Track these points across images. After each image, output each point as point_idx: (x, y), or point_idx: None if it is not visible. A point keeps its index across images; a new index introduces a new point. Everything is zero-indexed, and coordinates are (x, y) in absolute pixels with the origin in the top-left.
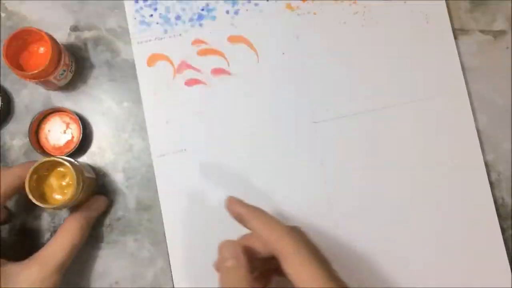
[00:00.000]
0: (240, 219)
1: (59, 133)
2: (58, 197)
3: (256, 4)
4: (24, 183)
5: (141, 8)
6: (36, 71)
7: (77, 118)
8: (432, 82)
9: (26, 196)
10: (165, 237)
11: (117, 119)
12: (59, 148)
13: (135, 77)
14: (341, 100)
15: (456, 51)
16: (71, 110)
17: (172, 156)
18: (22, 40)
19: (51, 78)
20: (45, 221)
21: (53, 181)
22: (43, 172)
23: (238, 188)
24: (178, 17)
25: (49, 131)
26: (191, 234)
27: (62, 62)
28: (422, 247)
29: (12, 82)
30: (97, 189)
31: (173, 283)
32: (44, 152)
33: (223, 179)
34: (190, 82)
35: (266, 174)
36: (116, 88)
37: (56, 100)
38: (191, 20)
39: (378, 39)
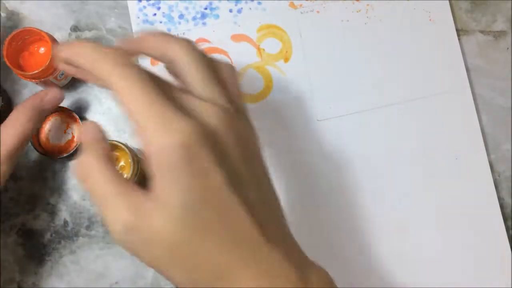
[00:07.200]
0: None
1: (59, 133)
2: None
3: (259, 3)
4: None
5: (144, 7)
6: (36, 71)
7: (77, 117)
8: (436, 80)
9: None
10: None
11: (117, 119)
12: (60, 147)
13: None
14: (344, 98)
15: (459, 49)
16: (71, 110)
17: None
18: (22, 40)
19: (51, 78)
20: (45, 221)
21: None
22: None
23: None
24: (181, 16)
25: (49, 130)
26: None
27: None
28: (424, 246)
29: (12, 82)
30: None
31: None
32: (44, 152)
33: None
34: None
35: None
36: None
37: None
38: (194, 19)
39: (381, 37)
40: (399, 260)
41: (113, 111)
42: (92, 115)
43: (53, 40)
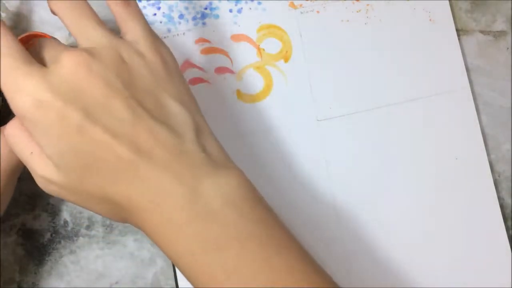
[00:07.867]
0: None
1: None
2: None
3: (259, 3)
4: None
5: (144, 7)
6: None
7: None
8: (436, 80)
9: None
10: None
11: None
12: None
13: None
14: (344, 98)
15: (459, 49)
16: None
17: None
18: (25, 42)
19: None
20: (45, 221)
21: None
22: None
23: None
24: (181, 16)
25: None
26: None
27: None
28: (423, 246)
29: None
30: None
31: (176, 283)
32: None
33: None
34: (194, 81)
35: (269, 173)
36: None
37: None
38: (194, 18)
39: (381, 37)
40: (398, 260)
41: None
42: None
43: None
